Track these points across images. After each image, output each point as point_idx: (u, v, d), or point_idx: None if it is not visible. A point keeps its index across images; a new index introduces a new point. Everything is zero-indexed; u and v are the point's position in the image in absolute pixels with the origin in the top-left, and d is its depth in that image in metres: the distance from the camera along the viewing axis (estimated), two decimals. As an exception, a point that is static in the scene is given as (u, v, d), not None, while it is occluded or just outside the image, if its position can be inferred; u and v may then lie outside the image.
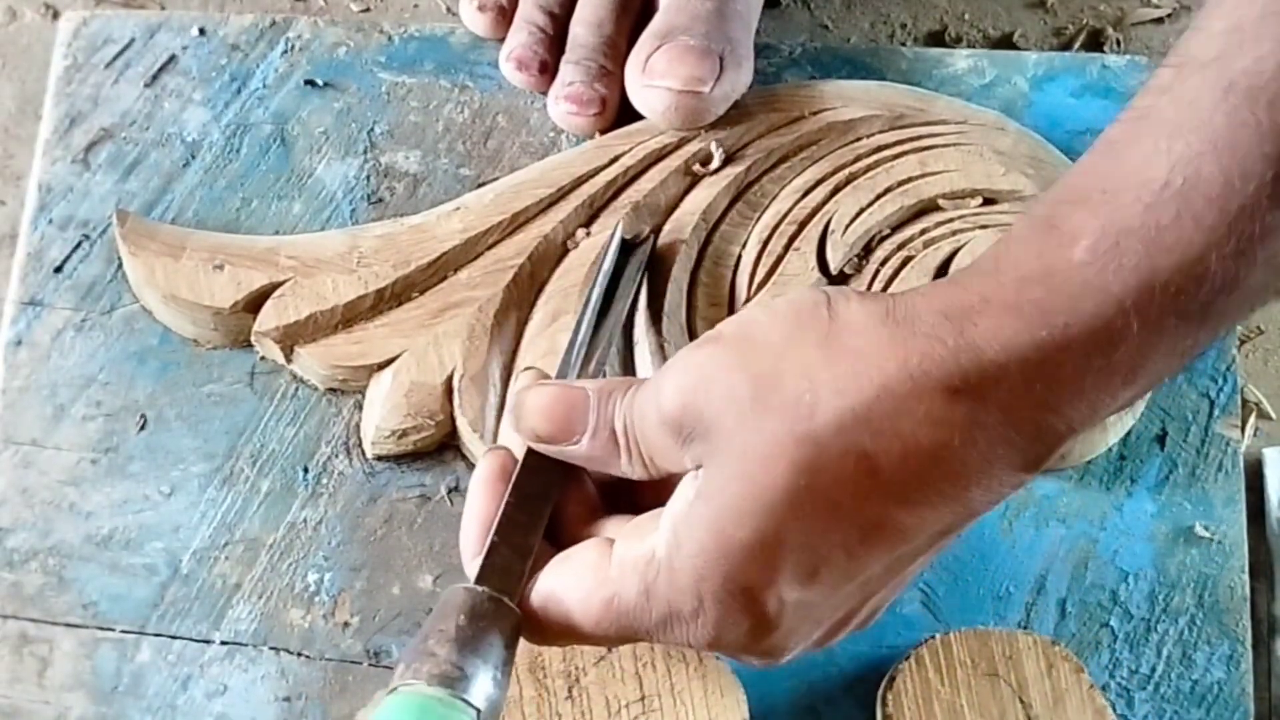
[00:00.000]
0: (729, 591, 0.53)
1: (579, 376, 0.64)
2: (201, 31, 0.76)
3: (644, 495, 0.58)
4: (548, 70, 0.75)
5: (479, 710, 0.54)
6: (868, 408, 0.51)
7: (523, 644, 0.57)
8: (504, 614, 0.55)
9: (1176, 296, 0.50)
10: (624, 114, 0.74)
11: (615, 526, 0.58)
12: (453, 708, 0.53)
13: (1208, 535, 0.68)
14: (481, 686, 0.54)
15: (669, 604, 0.54)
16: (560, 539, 0.58)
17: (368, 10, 0.81)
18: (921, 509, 0.52)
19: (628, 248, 0.70)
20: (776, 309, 0.55)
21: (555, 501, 0.59)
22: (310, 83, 0.75)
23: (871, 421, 0.51)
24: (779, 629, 0.54)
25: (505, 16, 0.76)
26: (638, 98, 0.73)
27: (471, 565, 0.58)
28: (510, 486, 0.58)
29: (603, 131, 0.74)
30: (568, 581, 0.56)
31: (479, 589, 0.56)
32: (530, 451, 0.59)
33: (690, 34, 0.72)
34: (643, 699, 0.62)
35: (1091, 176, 0.53)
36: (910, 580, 0.57)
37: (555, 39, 0.75)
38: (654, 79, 0.72)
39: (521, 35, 0.75)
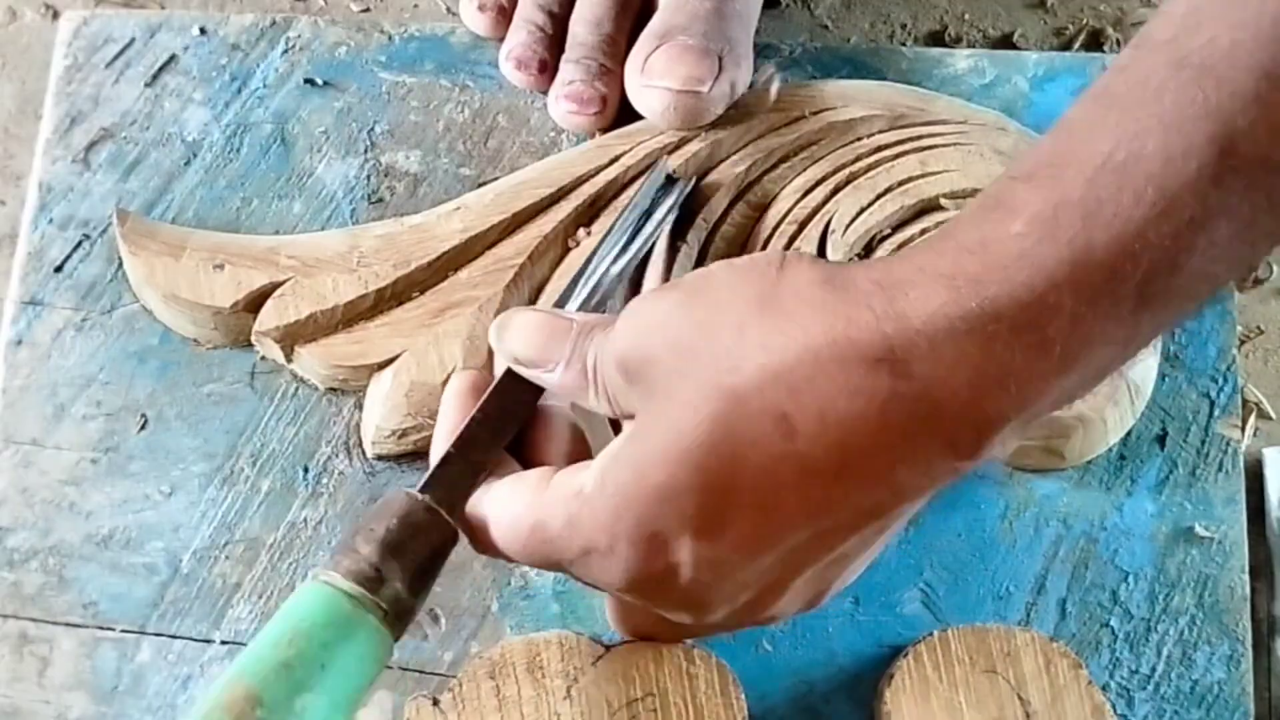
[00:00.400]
0: (640, 534, 0.53)
1: (579, 308, 0.64)
2: (202, 31, 0.76)
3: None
4: (547, 69, 0.75)
5: (385, 610, 0.54)
6: (789, 369, 0.51)
7: (522, 641, 0.57)
8: (437, 525, 0.56)
9: (1112, 275, 0.49)
10: (624, 113, 0.74)
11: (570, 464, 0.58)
12: (360, 604, 0.54)
13: (1208, 535, 0.68)
14: (394, 589, 0.54)
15: (588, 539, 0.54)
16: (529, 464, 0.59)
17: (368, 10, 0.81)
18: (841, 480, 0.52)
19: (667, 185, 0.70)
20: (735, 264, 0.55)
21: (532, 428, 0.60)
22: (310, 82, 0.75)
23: (791, 383, 0.51)
24: (690, 581, 0.54)
25: (505, 16, 0.76)
26: (636, 97, 0.73)
27: None
28: (479, 404, 0.59)
29: (603, 130, 0.74)
30: (504, 502, 0.57)
31: (419, 496, 0.56)
32: (507, 374, 0.60)
33: (689, 33, 0.72)
34: (641, 698, 0.62)
35: (1042, 154, 0.52)
36: (858, 566, 0.57)
37: (555, 38, 0.75)
38: (652, 79, 0.72)
39: (521, 34, 0.75)
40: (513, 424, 0.59)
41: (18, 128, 0.79)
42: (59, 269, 0.72)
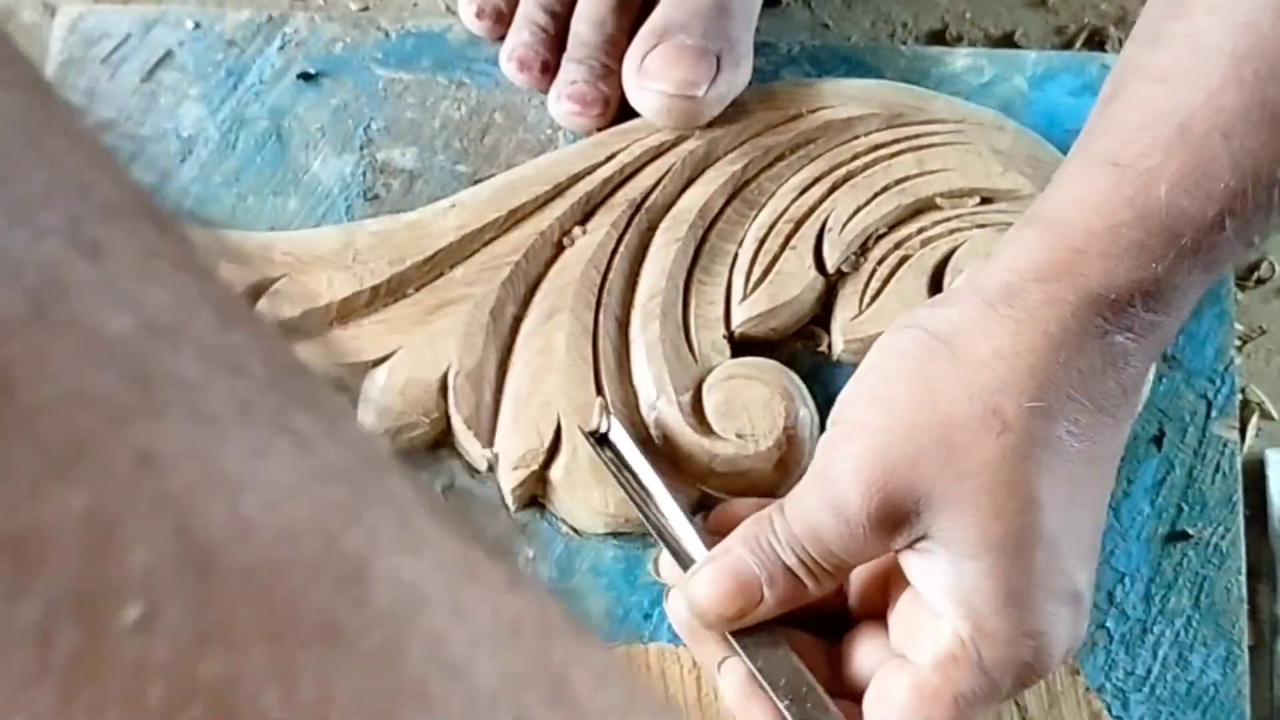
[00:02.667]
0: (1048, 612, 0.54)
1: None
2: (198, 26, 0.76)
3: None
4: (549, 70, 0.75)
5: None
6: (1042, 388, 0.53)
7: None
8: None
9: (1265, 204, 0.54)
10: (625, 111, 0.74)
11: (868, 650, 0.57)
12: None
13: (1205, 537, 0.67)
14: None
15: (1009, 663, 0.54)
16: (834, 694, 0.57)
17: (366, 10, 0.81)
18: (1114, 435, 0.55)
19: (603, 441, 0.66)
20: (887, 369, 0.55)
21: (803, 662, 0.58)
22: (304, 75, 0.75)
23: (1056, 396, 0.53)
24: (1087, 603, 0.56)
25: (504, 19, 0.76)
26: (633, 97, 0.73)
27: None
28: (769, 688, 0.56)
29: (601, 129, 0.73)
30: (905, 716, 0.55)
31: None
32: (748, 645, 0.57)
33: (688, 32, 0.72)
34: (636, 699, 0.62)
35: (1153, 111, 0.55)
36: None
37: (556, 37, 0.75)
38: (648, 80, 0.72)
39: (523, 35, 0.75)
40: (801, 671, 0.57)
41: (16, 125, 0.79)
42: (54, 265, 0.71)
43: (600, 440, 0.66)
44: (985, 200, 0.71)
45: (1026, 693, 0.62)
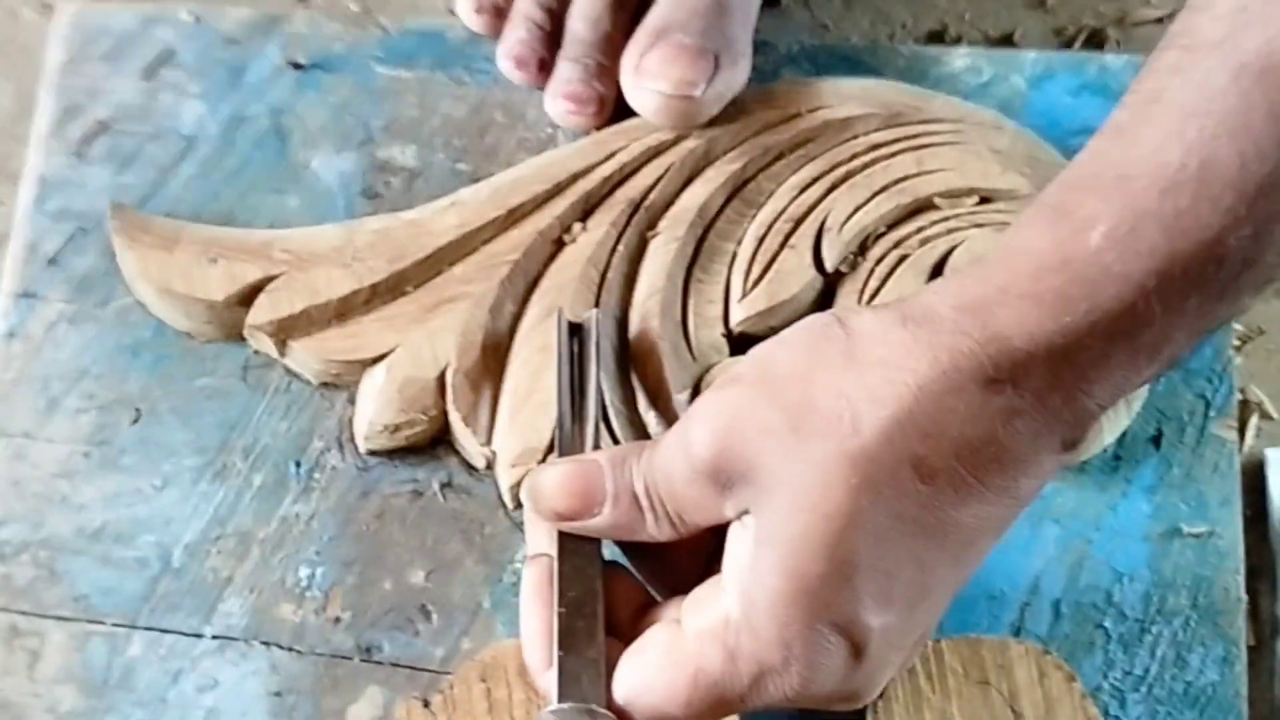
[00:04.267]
0: (816, 631, 0.52)
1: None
2: (199, 24, 0.76)
3: (678, 562, 0.57)
4: (546, 68, 0.75)
5: None
6: (909, 412, 0.51)
7: (514, 643, 0.57)
8: None
9: (1197, 279, 0.50)
10: (622, 108, 0.74)
11: (673, 608, 0.56)
12: None
13: (1203, 536, 0.67)
14: None
15: (758, 662, 0.53)
16: (621, 635, 0.57)
17: (366, 11, 0.81)
18: (978, 505, 0.52)
19: (575, 330, 0.67)
20: (788, 339, 0.54)
21: (607, 594, 0.58)
22: (297, 65, 0.75)
23: (917, 425, 0.51)
24: (869, 659, 0.53)
25: (502, 16, 0.76)
26: (630, 96, 0.73)
27: (545, 682, 0.57)
28: (557, 594, 0.57)
29: (599, 127, 0.74)
30: (647, 672, 0.55)
31: (567, 707, 0.55)
32: (564, 553, 0.58)
33: (686, 31, 0.72)
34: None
35: (1103, 161, 0.52)
36: (957, 593, 0.56)
37: (553, 35, 0.75)
38: (645, 80, 0.72)
39: (519, 32, 0.75)
40: (597, 599, 0.57)
41: (16, 127, 0.79)
42: (53, 261, 0.71)
43: (572, 330, 0.66)
44: (984, 200, 0.71)
45: (1023, 700, 0.62)
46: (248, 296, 0.69)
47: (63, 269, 0.71)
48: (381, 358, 0.68)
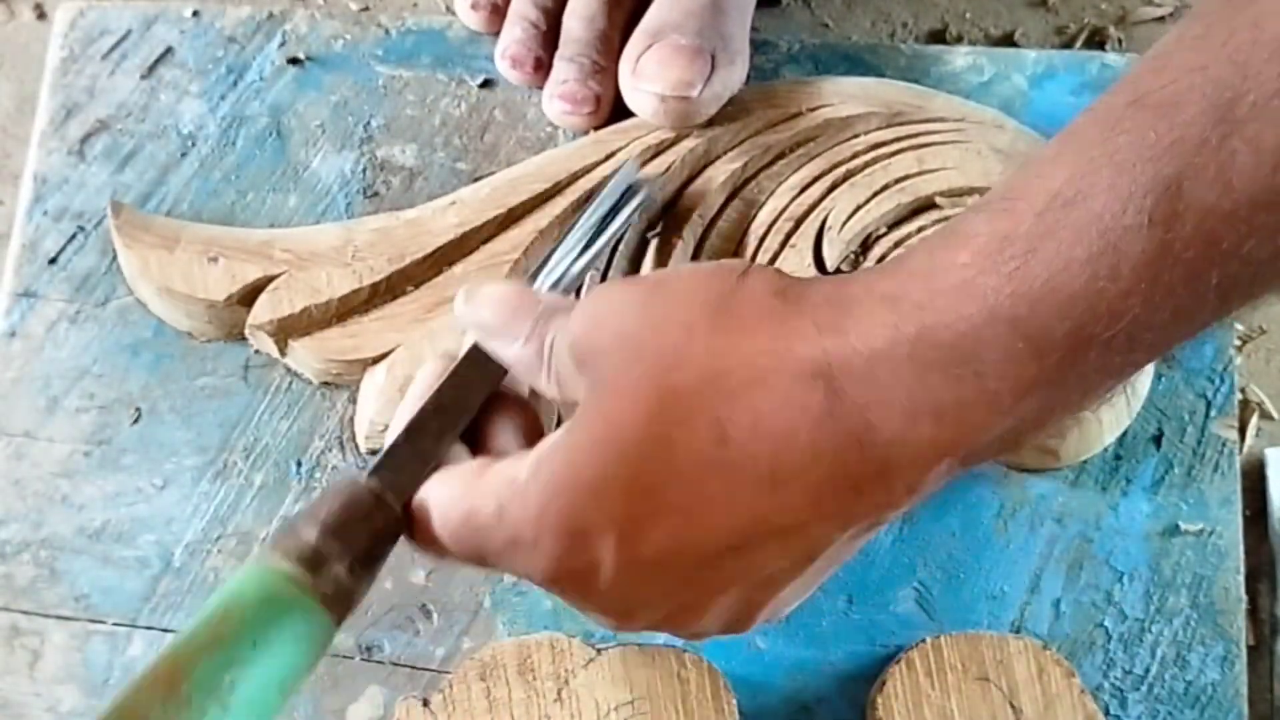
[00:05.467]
0: (564, 528, 0.51)
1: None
2: (198, 23, 0.76)
3: None
4: (542, 67, 0.75)
5: (325, 593, 0.53)
6: (728, 373, 0.50)
7: (513, 642, 0.57)
8: (381, 510, 0.54)
9: (1050, 312, 0.48)
10: (621, 107, 0.74)
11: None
12: (297, 584, 0.52)
13: (1203, 536, 0.67)
14: (334, 572, 0.53)
15: (514, 529, 0.52)
16: (484, 452, 0.57)
17: (366, 10, 0.81)
18: (768, 494, 0.50)
19: (629, 191, 0.69)
20: (700, 267, 0.54)
21: (490, 415, 0.58)
22: (295, 61, 0.75)
23: (729, 388, 0.50)
24: (610, 584, 0.52)
25: (499, 13, 0.76)
26: (628, 97, 0.73)
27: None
28: (434, 390, 0.58)
29: (598, 127, 0.73)
30: (444, 489, 0.55)
31: (364, 481, 0.55)
32: (464, 359, 0.58)
33: (682, 31, 0.72)
34: (632, 701, 0.62)
35: (1004, 186, 0.51)
36: (790, 596, 0.55)
37: (549, 33, 0.75)
38: (642, 82, 0.72)
39: (515, 31, 0.75)
40: (466, 410, 0.58)
41: (15, 127, 0.79)
42: (53, 261, 0.71)
43: (626, 189, 0.68)
44: (985, 199, 0.71)
45: (1021, 695, 0.62)
46: (248, 296, 0.69)
47: (63, 268, 0.71)
48: (382, 357, 0.68)
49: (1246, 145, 0.48)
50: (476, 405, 0.58)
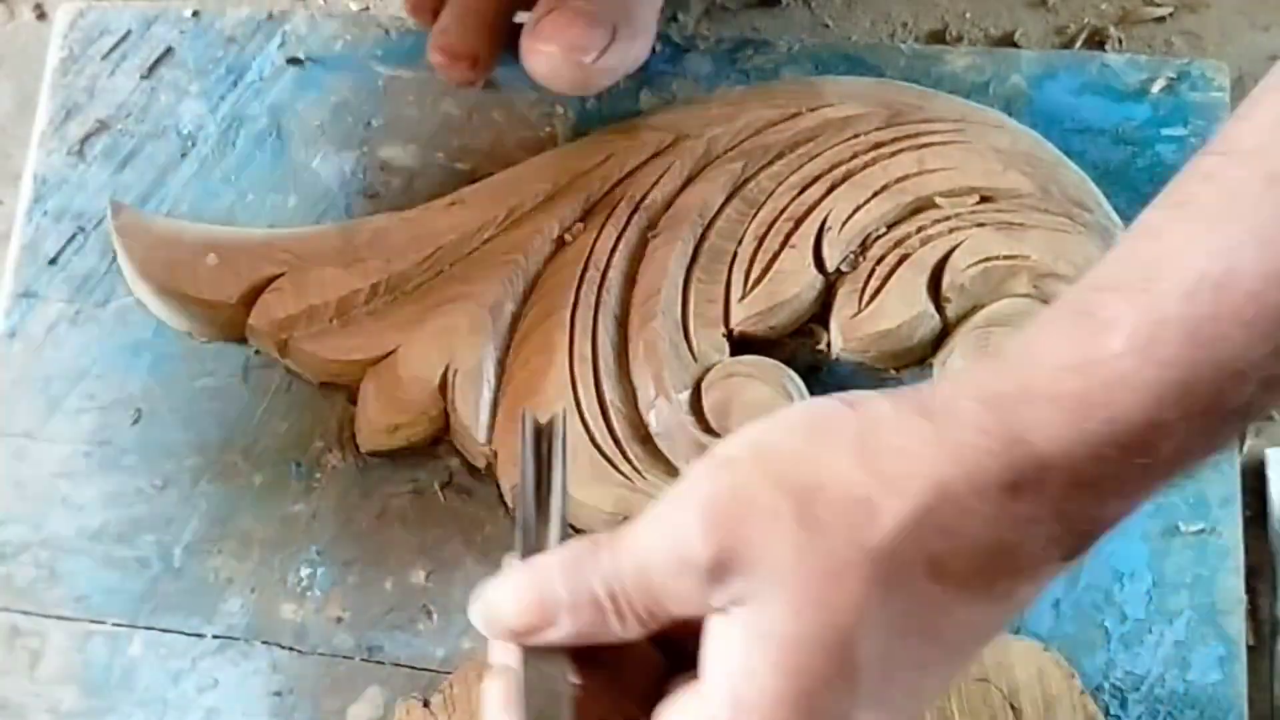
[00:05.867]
0: None
1: None
2: (198, 22, 0.76)
3: (631, 664, 0.53)
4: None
5: None
6: (929, 509, 0.48)
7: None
8: None
9: (1216, 394, 0.48)
10: (623, 108, 0.73)
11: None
12: None
13: (1204, 536, 0.67)
14: None
15: None
16: None
17: (366, 10, 0.81)
18: (980, 606, 0.49)
19: (538, 431, 0.62)
20: (790, 418, 0.51)
21: (577, 700, 0.52)
22: (295, 61, 0.75)
23: (936, 523, 0.48)
24: None
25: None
26: (524, 59, 0.72)
27: None
28: (523, 711, 0.51)
29: (474, 84, 0.73)
30: None
31: None
32: (527, 665, 0.52)
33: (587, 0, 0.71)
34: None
35: (1129, 264, 0.50)
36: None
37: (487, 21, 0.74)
38: (538, 42, 0.71)
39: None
40: (565, 704, 0.51)
41: (15, 127, 0.79)
42: (53, 261, 0.71)
43: (537, 433, 0.64)
44: (985, 199, 0.71)
45: (1022, 696, 0.62)
46: (248, 296, 0.69)
47: (63, 269, 0.71)
48: (382, 357, 0.68)
49: None
50: (570, 695, 0.52)
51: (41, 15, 0.82)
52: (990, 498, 0.48)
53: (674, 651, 0.52)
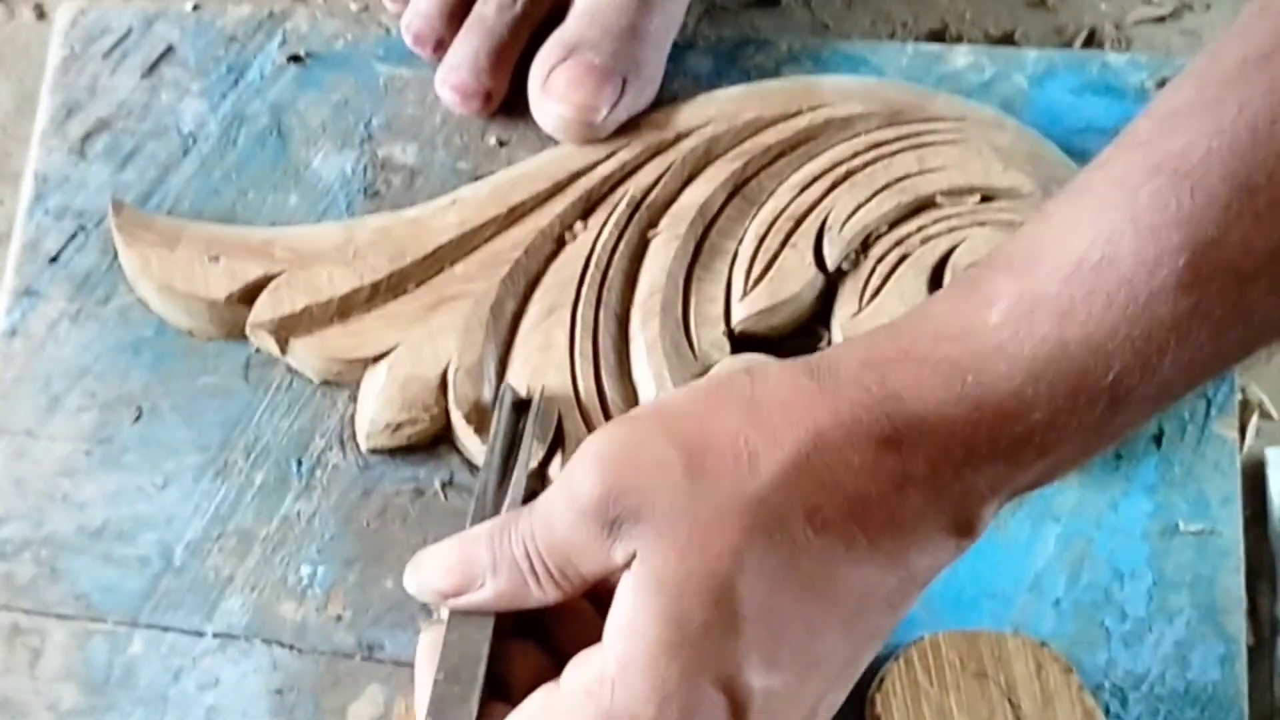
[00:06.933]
0: (694, 685, 0.49)
1: None
2: (199, 21, 0.76)
3: (576, 636, 0.54)
4: (444, 47, 0.73)
5: None
6: (806, 458, 0.49)
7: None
8: None
9: (1084, 373, 0.50)
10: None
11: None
12: None
13: (1204, 535, 0.67)
14: None
15: (630, 718, 0.49)
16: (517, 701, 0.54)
17: (367, 9, 0.81)
18: (867, 567, 0.50)
19: (520, 407, 0.66)
20: (695, 383, 0.54)
21: (507, 664, 0.56)
22: (296, 59, 0.75)
23: (813, 472, 0.50)
24: (756, 716, 0.50)
25: None
26: (534, 109, 0.72)
27: None
28: (439, 660, 0.56)
29: (490, 116, 0.73)
30: None
31: None
32: (452, 618, 0.56)
33: (598, 51, 0.71)
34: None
35: (1021, 244, 0.52)
36: (856, 674, 0.54)
37: (460, 8, 0.73)
38: (550, 100, 0.71)
39: (420, 3, 0.74)
40: (477, 664, 0.55)
41: (15, 127, 0.79)
42: (54, 259, 0.71)
43: (516, 407, 0.65)
44: (986, 198, 0.71)
45: (1020, 692, 0.62)
46: (249, 294, 0.69)
47: (64, 267, 0.71)
48: (383, 356, 0.68)
49: (1267, 209, 0.49)
50: (485, 655, 0.56)
51: (41, 15, 0.82)
52: (864, 449, 0.50)
53: None
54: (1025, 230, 0.53)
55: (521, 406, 0.66)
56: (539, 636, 0.57)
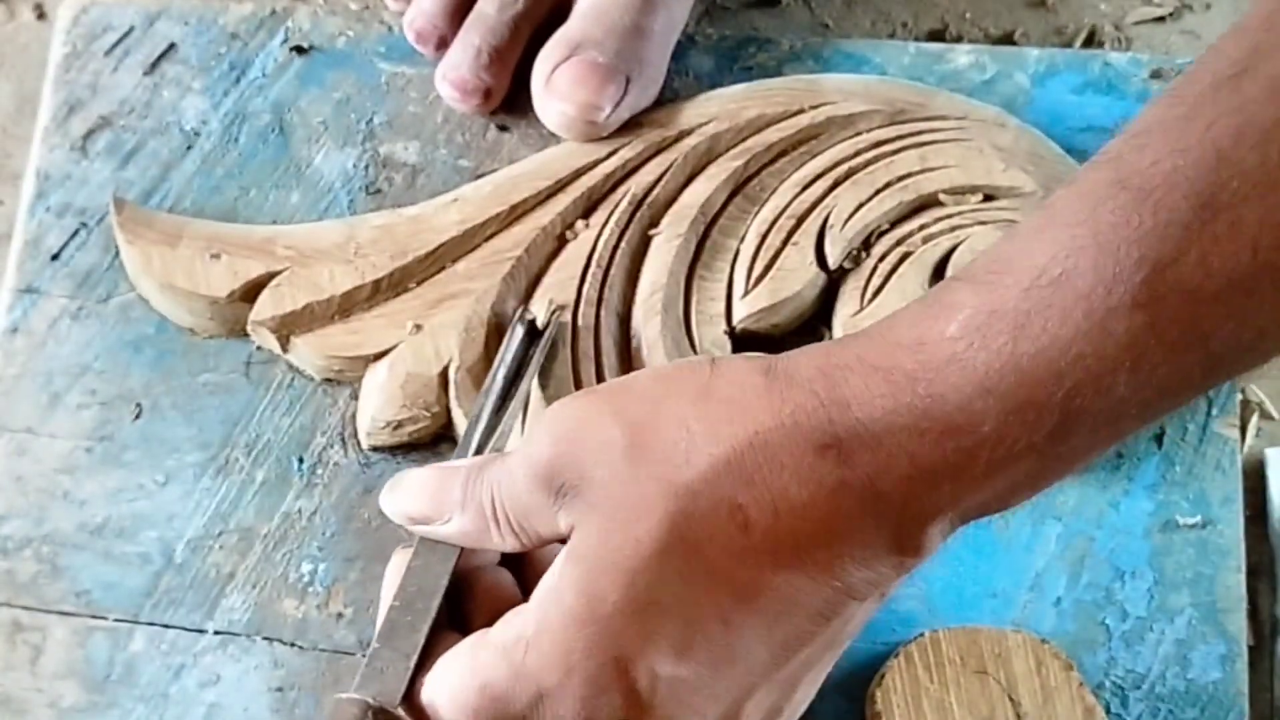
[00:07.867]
0: (597, 662, 0.50)
1: None
2: (201, 19, 0.76)
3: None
4: (447, 45, 0.74)
5: None
6: (740, 456, 0.50)
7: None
8: None
9: (1035, 385, 0.49)
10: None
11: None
12: None
13: (1205, 535, 0.68)
14: None
15: (537, 683, 0.51)
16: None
17: (368, 8, 0.81)
18: (794, 574, 0.50)
19: (533, 331, 0.67)
20: (661, 368, 0.54)
21: (465, 598, 0.57)
22: (299, 49, 0.75)
23: (744, 471, 0.50)
24: (653, 712, 0.51)
25: None
26: (537, 106, 0.72)
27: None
28: (398, 588, 0.57)
29: (492, 113, 0.73)
30: (447, 677, 0.53)
31: (359, 699, 0.54)
32: (417, 551, 0.57)
33: (601, 49, 0.71)
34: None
35: (989, 257, 0.52)
36: (807, 688, 0.54)
37: (462, 7, 0.73)
38: (553, 98, 0.71)
39: (423, 2, 0.74)
40: (433, 596, 0.56)
41: (16, 127, 0.79)
42: (56, 257, 0.71)
43: (529, 334, 0.66)
44: (987, 197, 0.71)
45: (1020, 688, 0.62)
46: (250, 292, 0.69)
47: (65, 265, 0.71)
48: (384, 354, 0.68)
49: (1227, 231, 0.48)
50: (442, 588, 0.57)
51: (41, 15, 0.82)
52: (800, 453, 0.50)
53: None
54: (997, 243, 0.53)
55: (535, 335, 0.66)
56: (518, 571, 0.58)
